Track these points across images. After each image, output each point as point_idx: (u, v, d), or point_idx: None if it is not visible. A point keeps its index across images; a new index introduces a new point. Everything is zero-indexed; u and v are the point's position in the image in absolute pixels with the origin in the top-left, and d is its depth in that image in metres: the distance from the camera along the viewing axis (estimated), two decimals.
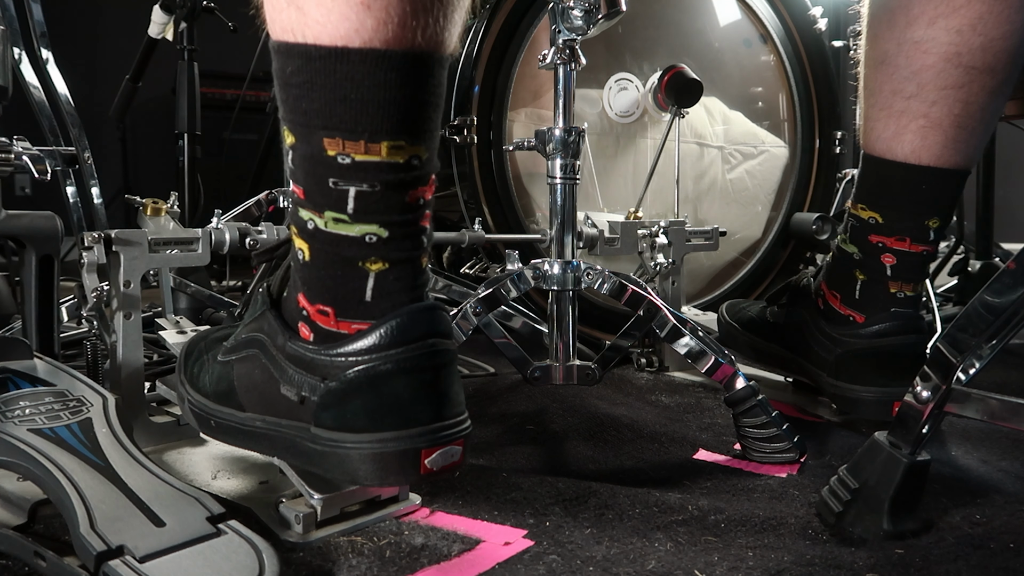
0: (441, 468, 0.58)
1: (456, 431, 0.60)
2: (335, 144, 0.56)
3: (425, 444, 0.58)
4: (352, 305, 0.59)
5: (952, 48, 0.85)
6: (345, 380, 0.58)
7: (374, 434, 0.57)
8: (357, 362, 0.58)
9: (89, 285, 0.82)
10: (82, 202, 1.53)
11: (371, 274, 0.59)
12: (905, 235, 0.92)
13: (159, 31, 1.78)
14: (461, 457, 0.60)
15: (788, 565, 0.61)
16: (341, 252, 0.59)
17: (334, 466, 0.59)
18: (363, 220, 0.58)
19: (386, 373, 0.57)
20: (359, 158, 0.56)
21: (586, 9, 0.89)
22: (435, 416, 0.58)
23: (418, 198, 0.59)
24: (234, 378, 0.66)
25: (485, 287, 0.91)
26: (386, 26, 0.54)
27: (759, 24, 1.64)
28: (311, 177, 0.58)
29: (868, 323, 0.94)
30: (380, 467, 0.57)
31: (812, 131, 1.69)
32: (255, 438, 0.65)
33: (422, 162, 0.59)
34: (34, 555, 0.58)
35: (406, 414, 0.58)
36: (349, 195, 0.57)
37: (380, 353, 0.57)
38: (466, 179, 1.35)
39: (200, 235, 0.91)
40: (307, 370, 0.60)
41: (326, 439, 0.58)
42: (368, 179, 0.57)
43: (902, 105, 0.89)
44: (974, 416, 0.63)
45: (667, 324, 0.91)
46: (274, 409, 0.62)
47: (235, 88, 2.58)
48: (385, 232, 0.58)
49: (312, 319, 0.61)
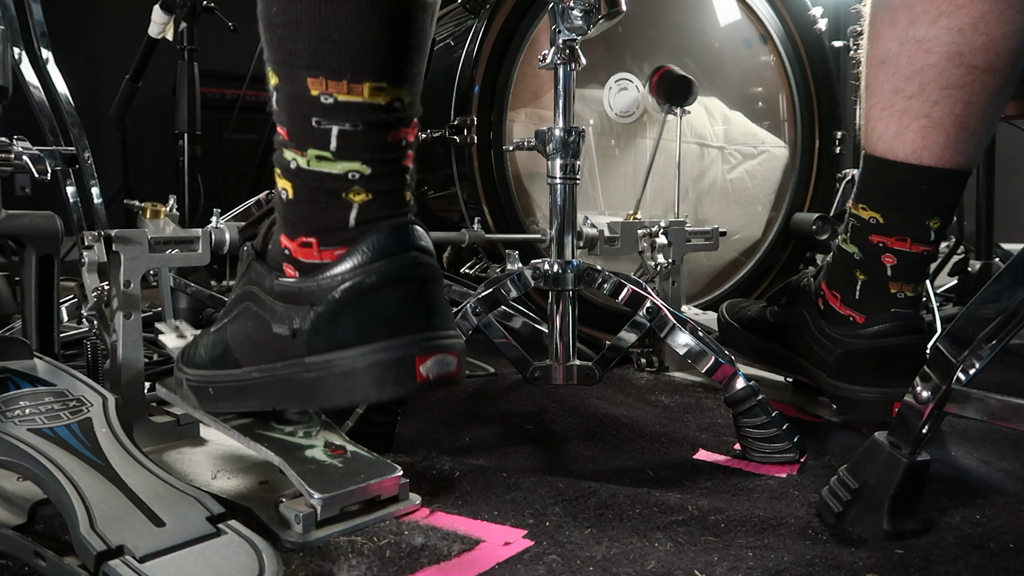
0: (437, 376, 0.58)
1: (448, 341, 0.60)
2: (318, 84, 0.57)
3: (418, 351, 0.58)
4: (335, 233, 0.60)
5: (954, 47, 0.85)
6: (332, 301, 0.58)
7: (367, 345, 0.57)
8: (342, 280, 0.58)
9: (90, 284, 0.82)
10: (82, 202, 1.53)
11: (354, 204, 0.60)
12: (906, 235, 0.92)
13: (159, 31, 1.78)
14: (457, 368, 0.59)
15: (788, 565, 0.61)
16: (324, 186, 0.60)
17: (331, 389, 0.59)
18: (345, 158, 0.59)
19: (371, 286, 0.58)
20: (341, 98, 0.58)
21: (586, 9, 0.89)
22: (425, 325, 0.59)
23: (400, 139, 0.61)
24: (228, 338, 0.67)
25: (485, 287, 0.91)
26: None
27: (759, 24, 1.64)
28: (294, 117, 0.59)
29: (868, 323, 0.94)
30: (376, 378, 0.57)
31: (812, 131, 1.70)
32: (253, 391, 0.65)
33: (404, 104, 0.60)
34: (34, 555, 0.58)
35: (396, 323, 0.58)
36: (332, 133, 0.58)
37: (364, 267, 0.58)
38: (466, 179, 1.35)
39: (200, 235, 0.91)
40: (295, 302, 0.60)
41: (320, 363, 0.59)
42: (350, 118, 0.58)
43: (903, 105, 0.89)
44: (974, 416, 0.63)
45: (667, 324, 0.91)
46: (268, 354, 0.63)
47: (235, 88, 2.59)
48: (368, 169, 0.59)
49: (295, 256, 0.61)
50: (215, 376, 0.68)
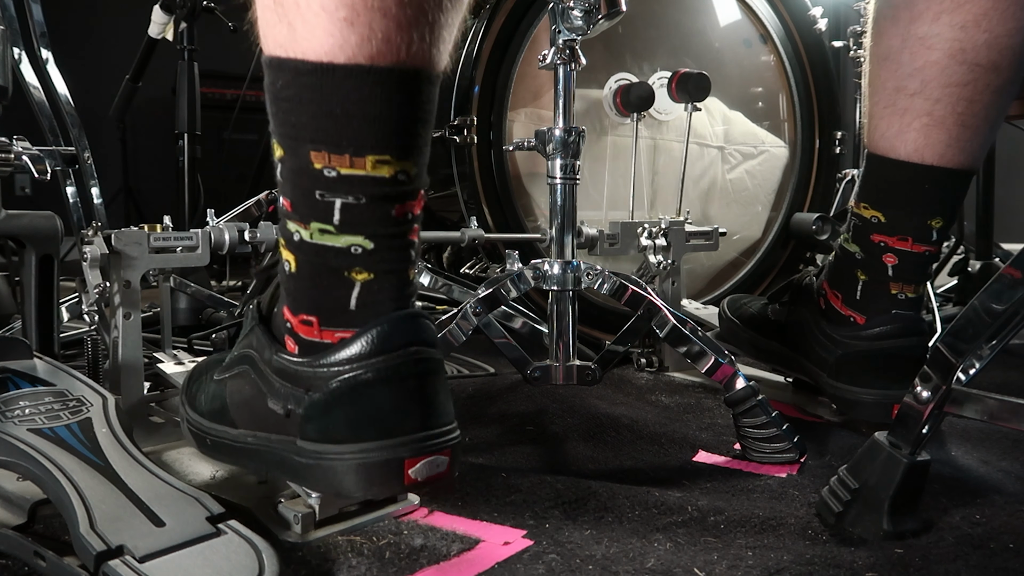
0: (427, 478, 0.57)
1: (441, 441, 0.59)
2: (321, 157, 0.56)
3: (408, 453, 0.57)
4: (336, 314, 0.59)
5: (956, 44, 0.85)
6: (328, 391, 0.57)
7: (356, 444, 0.57)
8: (339, 372, 0.57)
9: (91, 281, 0.82)
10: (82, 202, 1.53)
11: (356, 284, 0.58)
12: (907, 235, 0.92)
13: (159, 31, 1.78)
14: (448, 468, 0.59)
15: (788, 565, 0.61)
16: (326, 262, 0.59)
17: (319, 479, 0.58)
18: (349, 231, 0.58)
19: (367, 382, 0.57)
20: (344, 171, 0.56)
21: (586, 9, 0.89)
22: (419, 425, 0.58)
23: (405, 212, 0.59)
24: (226, 395, 0.66)
25: (485, 287, 0.91)
26: (369, 42, 0.54)
27: (759, 24, 1.64)
28: (298, 189, 0.58)
29: (868, 325, 0.94)
30: (363, 478, 0.57)
31: (812, 131, 1.69)
32: (247, 455, 0.65)
33: (409, 177, 0.59)
34: (34, 555, 0.58)
35: (388, 423, 0.57)
36: (335, 207, 0.57)
37: (362, 362, 0.57)
38: (466, 179, 1.35)
39: (200, 235, 0.91)
40: (292, 382, 0.59)
41: (310, 451, 0.58)
42: (353, 191, 0.57)
43: (905, 103, 0.89)
44: (974, 416, 0.63)
45: (667, 324, 0.91)
46: (263, 424, 0.62)
47: (235, 88, 2.59)
48: (371, 244, 0.58)
49: (296, 331, 0.60)
50: (212, 429, 0.67)
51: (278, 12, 0.56)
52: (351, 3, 0.54)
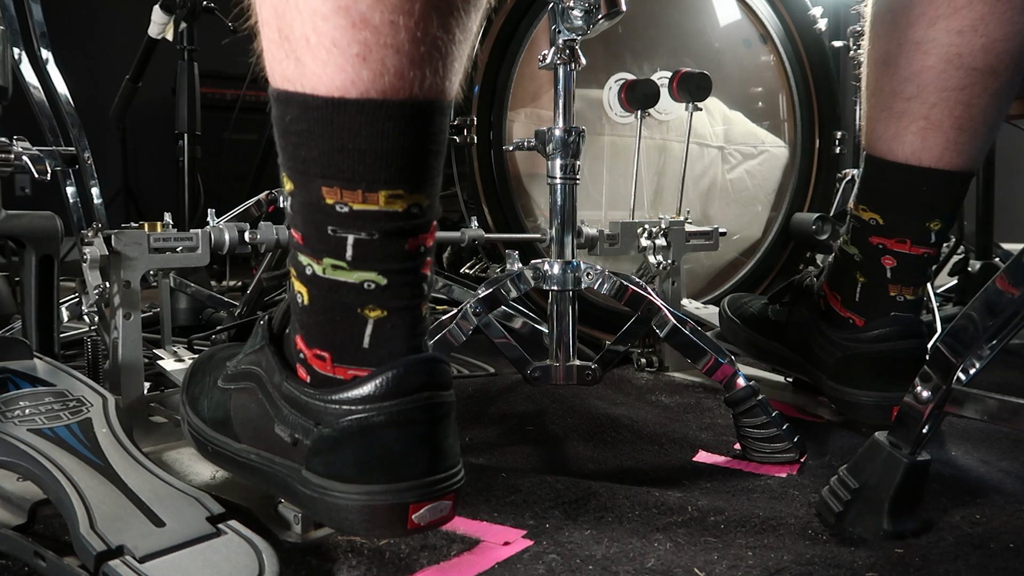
0: (428, 523, 0.58)
1: (446, 485, 0.58)
2: (333, 193, 0.56)
3: (413, 499, 0.57)
4: (349, 351, 0.58)
5: (953, 49, 0.85)
6: (338, 428, 0.57)
7: (363, 486, 0.56)
8: (351, 411, 0.57)
9: (91, 281, 0.82)
10: (82, 202, 1.53)
11: (369, 321, 0.58)
12: (906, 237, 0.92)
13: (159, 31, 1.78)
14: (450, 512, 0.59)
15: (788, 565, 0.61)
16: (339, 298, 0.58)
17: (322, 512, 0.58)
18: (361, 267, 0.57)
19: (379, 425, 0.56)
20: (357, 207, 0.56)
21: (586, 9, 0.89)
22: (426, 471, 0.57)
23: (418, 246, 0.59)
24: (231, 408, 0.66)
25: (485, 287, 0.91)
26: (382, 77, 0.53)
27: (759, 24, 1.64)
28: (310, 224, 0.58)
29: (868, 327, 0.94)
30: (367, 519, 0.57)
31: (812, 131, 1.69)
32: (249, 470, 0.64)
33: (422, 210, 0.58)
34: (34, 555, 0.58)
35: (396, 468, 0.57)
36: (347, 243, 0.56)
37: (374, 404, 0.57)
38: (466, 179, 1.35)
39: (200, 235, 0.91)
40: (301, 412, 0.59)
41: (316, 484, 0.58)
42: (366, 227, 0.56)
43: (902, 106, 0.89)
44: (974, 416, 0.63)
45: (667, 324, 0.91)
46: (268, 445, 0.62)
47: (235, 88, 2.58)
48: (384, 280, 0.57)
49: (309, 363, 0.60)
50: (214, 439, 0.67)
51: (285, 48, 0.55)
52: (364, 40, 0.52)
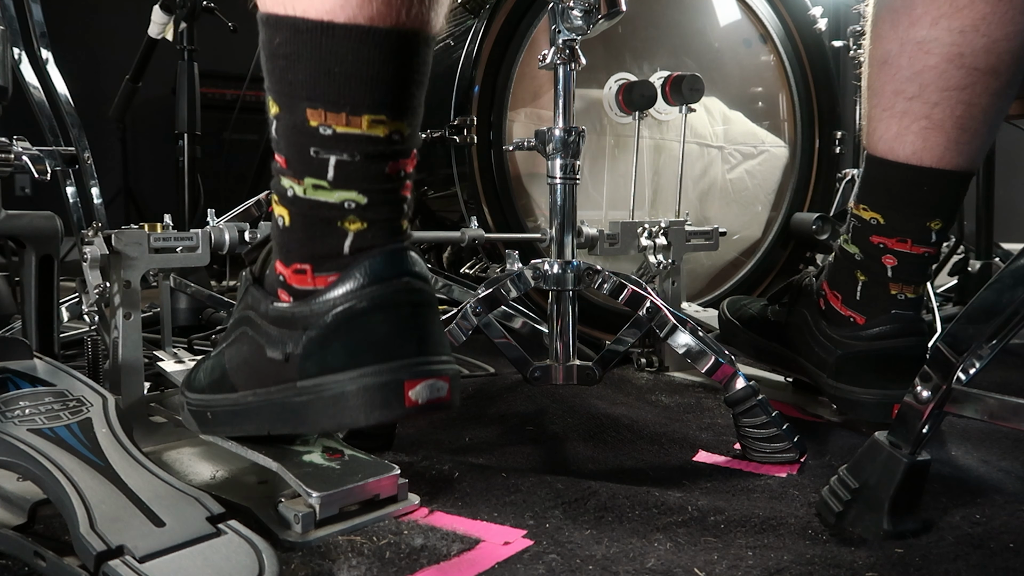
0: (427, 402, 0.58)
1: (440, 367, 0.59)
2: (317, 115, 0.58)
3: (408, 376, 0.57)
4: (329, 260, 0.60)
5: (955, 49, 0.85)
6: (324, 325, 0.58)
7: (356, 370, 0.57)
8: (334, 305, 0.58)
9: (91, 281, 0.82)
10: (82, 202, 1.53)
11: (349, 232, 0.60)
12: (906, 236, 0.92)
13: (159, 31, 1.78)
14: (449, 394, 0.59)
15: (788, 565, 0.61)
16: (320, 214, 0.60)
17: (320, 413, 0.59)
18: (342, 187, 0.59)
19: (363, 311, 0.58)
20: (340, 130, 0.58)
21: (586, 9, 0.89)
22: (416, 351, 0.58)
23: (399, 170, 0.61)
24: (225, 362, 0.67)
25: (485, 287, 0.91)
26: (370, 3, 0.56)
27: (759, 24, 1.64)
28: (293, 146, 0.59)
29: (868, 325, 0.94)
30: (364, 402, 0.57)
31: (812, 131, 1.70)
32: (248, 416, 0.65)
33: (403, 137, 0.60)
34: (34, 555, 0.58)
35: (386, 348, 0.58)
36: (329, 163, 0.58)
37: (356, 292, 0.58)
38: (466, 179, 1.35)
39: (200, 235, 0.91)
40: (289, 327, 0.60)
41: (310, 387, 0.59)
42: (348, 149, 0.58)
43: (904, 106, 0.89)
44: (974, 416, 0.63)
45: (667, 324, 0.91)
46: (263, 378, 0.63)
47: (235, 88, 2.59)
48: (364, 199, 0.59)
49: (289, 282, 0.62)
50: (212, 400, 0.68)
51: None
52: None
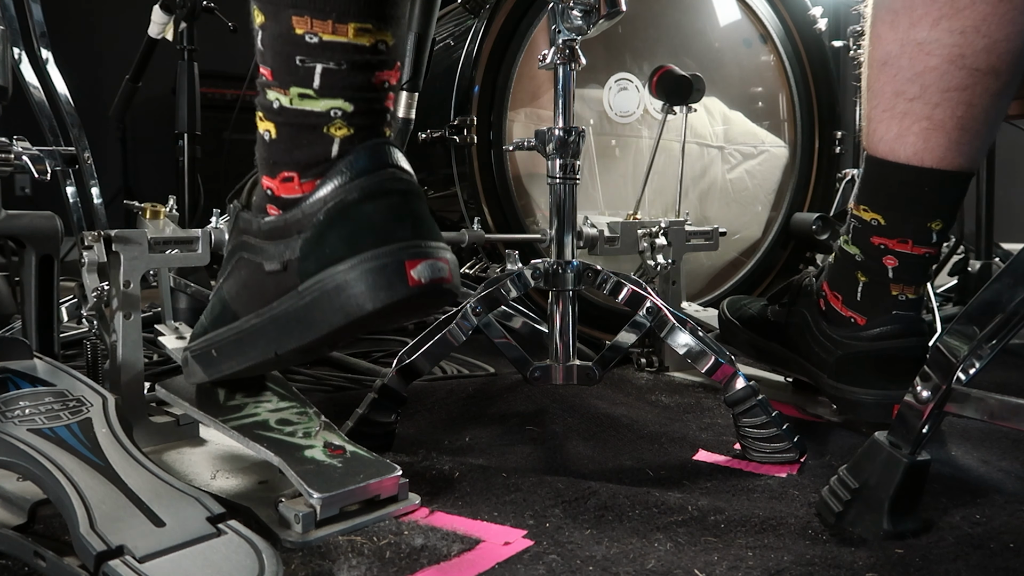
0: (430, 280, 0.58)
1: (438, 250, 0.60)
2: (303, 22, 0.58)
3: (408, 256, 0.58)
4: (316, 165, 0.61)
5: (956, 50, 0.85)
6: (318, 223, 0.59)
7: (356, 257, 0.58)
8: (325, 203, 0.59)
9: (89, 285, 0.82)
10: (82, 202, 1.53)
11: (335, 139, 0.60)
12: (907, 237, 0.92)
13: (159, 31, 1.78)
14: (450, 275, 0.60)
15: (788, 565, 0.61)
16: (307, 122, 0.60)
17: (325, 309, 0.59)
18: (328, 95, 0.60)
19: (354, 201, 0.59)
20: (326, 38, 0.58)
21: (586, 9, 0.89)
22: (412, 234, 0.59)
23: (383, 81, 0.62)
24: (224, 294, 0.68)
25: (485, 287, 0.91)
26: None
27: (759, 24, 1.64)
28: (279, 56, 0.60)
29: (869, 325, 0.94)
30: (367, 286, 0.57)
31: (812, 131, 1.70)
32: (252, 340, 0.65)
33: (388, 48, 0.61)
34: (34, 555, 0.58)
35: (383, 232, 0.58)
36: (316, 72, 0.59)
37: (345, 186, 0.59)
38: (466, 179, 1.35)
39: (200, 235, 0.91)
40: (283, 236, 0.61)
41: (312, 286, 0.59)
42: (335, 58, 0.59)
43: (905, 107, 0.89)
44: (974, 416, 0.63)
45: (667, 324, 0.91)
46: (264, 296, 0.63)
47: (235, 88, 2.59)
48: (350, 106, 0.60)
49: (277, 194, 0.62)
50: (215, 336, 0.68)
51: None
52: None
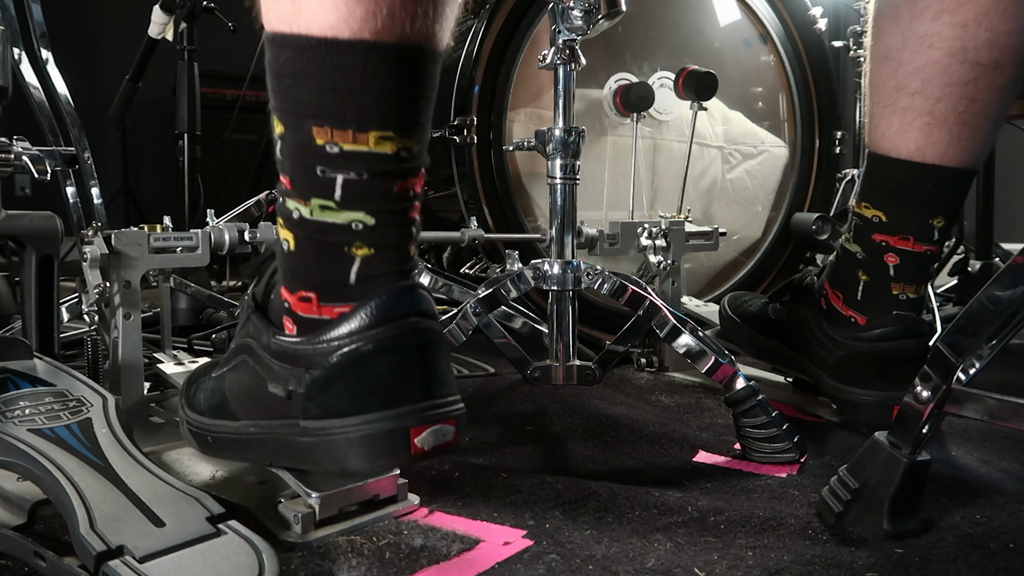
0: (433, 448, 0.57)
1: (446, 410, 0.58)
2: (323, 133, 0.57)
3: (413, 422, 0.56)
4: (335, 289, 0.59)
5: (957, 43, 0.85)
6: (329, 366, 0.57)
7: (360, 416, 0.56)
8: (339, 346, 0.57)
9: (91, 281, 0.82)
10: (82, 202, 1.53)
11: (356, 259, 0.58)
12: (909, 234, 0.92)
13: (159, 31, 1.78)
14: (455, 438, 0.58)
15: (788, 565, 0.61)
16: (326, 238, 0.58)
17: (324, 456, 0.58)
18: (350, 207, 0.58)
19: (368, 354, 0.56)
20: (347, 147, 0.57)
21: (586, 9, 0.89)
22: (422, 395, 0.57)
23: (407, 189, 0.59)
24: (225, 389, 0.66)
25: (485, 287, 0.91)
26: (375, 16, 0.55)
27: (759, 24, 1.64)
28: (299, 166, 0.58)
29: (869, 326, 0.94)
30: (369, 450, 0.56)
31: (812, 131, 1.70)
32: (249, 446, 0.64)
33: (411, 155, 0.59)
34: (34, 555, 0.58)
35: (391, 394, 0.57)
36: (336, 182, 0.57)
37: (361, 334, 0.57)
38: (466, 179, 1.35)
39: (200, 235, 0.91)
40: (292, 363, 0.59)
41: (314, 429, 0.58)
42: (356, 168, 0.57)
43: (906, 101, 0.89)
44: (974, 416, 0.63)
45: (667, 324, 0.90)
46: (264, 411, 0.62)
47: (235, 88, 2.59)
48: (372, 220, 0.58)
49: (294, 310, 0.60)
50: (213, 426, 0.67)
51: None
52: None
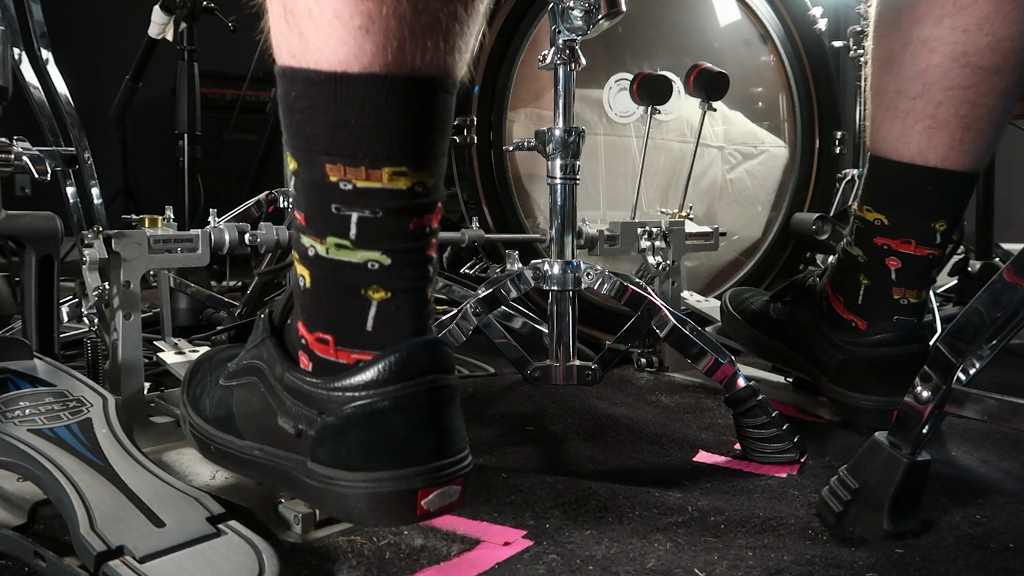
0: (438, 509, 0.57)
1: (454, 470, 0.58)
2: (337, 170, 0.55)
3: (422, 484, 0.56)
4: (352, 334, 0.58)
5: (959, 47, 0.85)
6: (342, 416, 0.56)
7: (370, 473, 0.56)
8: (354, 397, 0.56)
9: (90, 283, 0.82)
10: (82, 202, 1.53)
11: (373, 302, 0.57)
12: (911, 238, 0.91)
13: (159, 31, 1.78)
14: (460, 497, 0.58)
15: (788, 565, 0.61)
16: (342, 279, 0.57)
17: (328, 503, 0.58)
18: (365, 246, 0.56)
19: (383, 410, 0.56)
20: (360, 184, 0.55)
21: (586, 9, 0.89)
22: (433, 455, 0.57)
23: (423, 226, 0.58)
24: (233, 404, 0.65)
25: (485, 287, 0.91)
26: (385, 50, 0.53)
27: (759, 24, 1.64)
28: (313, 203, 0.57)
29: (870, 331, 0.93)
30: (375, 507, 0.56)
31: (812, 131, 1.69)
32: (253, 467, 0.64)
33: (427, 189, 0.57)
34: (34, 555, 0.58)
35: (403, 453, 0.56)
36: (351, 220, 0.56)
37: (378, 390, 0.56)
38: (466, 179, 1.35)
39: (200, 235, 0.91)
40: (304, 403, 0.58)
41: (321, 475, 0.57)
42: (370, 205, 0.56)
43: (907, 105, 0.89)
44: (974, 416, 0.63)
45: (667, 324, 0.90)
46: (271, 439, 0.62)
47: (235, 88, 2.58)
48: (388, 260, 0.57)
49: (311, 348, 0.59)
50: (217, 437, 0.67)
51: (289, 22, 0.55)
52: (366, 11, 0.52)
